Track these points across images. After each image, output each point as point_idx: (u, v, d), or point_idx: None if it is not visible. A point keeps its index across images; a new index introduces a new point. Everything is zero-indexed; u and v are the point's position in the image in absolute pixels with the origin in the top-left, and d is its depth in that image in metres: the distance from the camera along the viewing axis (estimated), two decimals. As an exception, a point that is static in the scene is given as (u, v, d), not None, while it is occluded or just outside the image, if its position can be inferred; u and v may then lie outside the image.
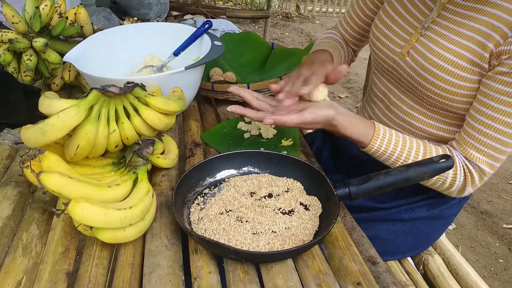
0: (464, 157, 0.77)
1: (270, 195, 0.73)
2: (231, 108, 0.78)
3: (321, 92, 0.78)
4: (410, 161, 0.77)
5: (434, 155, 0.77)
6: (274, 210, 0.69)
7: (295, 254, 0.62)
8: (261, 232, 0.64)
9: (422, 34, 0.81)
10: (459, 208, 0.97)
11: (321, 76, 0.77)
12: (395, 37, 0.86)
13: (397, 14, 0.87)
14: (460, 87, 0.75)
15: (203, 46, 0.99)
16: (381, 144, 0.77)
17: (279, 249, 0.62)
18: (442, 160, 0.70)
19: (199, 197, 0.73)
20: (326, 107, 0.74)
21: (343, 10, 5.62)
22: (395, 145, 0.77)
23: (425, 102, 0.83)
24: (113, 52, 1.01)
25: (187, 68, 0.85)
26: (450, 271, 0.96)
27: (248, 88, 1.01)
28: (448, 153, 0.77)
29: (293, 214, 0.68)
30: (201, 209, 0.70)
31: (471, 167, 0.76)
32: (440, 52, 0.76)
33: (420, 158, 0.77)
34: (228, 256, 0.61)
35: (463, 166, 0.77)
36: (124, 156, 0.71)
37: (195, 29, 1.01)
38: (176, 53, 1.00)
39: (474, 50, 0.73)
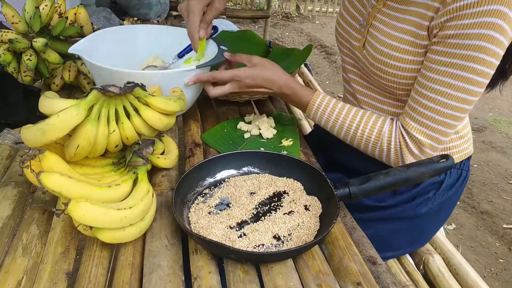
0: (402, 127, 0.79)
1: (270, 195, 0.73)
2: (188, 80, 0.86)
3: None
4: (347, 123, 0.82)
5: (372, 121, 0.80)
6: (274, 210, 0.69)
7: (295, 254, 0.62)
8: (261, 232, 0.64)
9: (370, 25, 0.83)
10: (456, 199, 0.96)
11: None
12: (353, 31, 0.88)
13: (353, 7, 0.89)
14: (408, 70, 0.77)
15: (207, 50, 0.99)
16: (321, 103, 0.83)
17: (279, 249, 0.62)
18: (442, 160, 0.71)
19: (199, 197, 0.72)
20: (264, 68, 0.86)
21: (343, 10, 5.61)
22: (333, 106, 0.82)
23: (387, 92, 0.85)
24: (116, 50, 1.00)
25: (198, 67, 0.85)
26: (450, 271, 0.96)
27: None
28: (390, 124, 0.80)
29: (293, 214, 0.68)
30: (201, 209, 0.69)
31: (406, 137, 0.78)
32: (385, 41, 0.79)
33: (357, 120, 0.81)
34: (228, 256, 0.61)
35: (398, 135, 0.79)
36: (124, 156, 0.71)
37: None
38: (181, 55, 1.01)
39: (413, 31, 0.75)
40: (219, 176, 0.77)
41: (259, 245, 0.62)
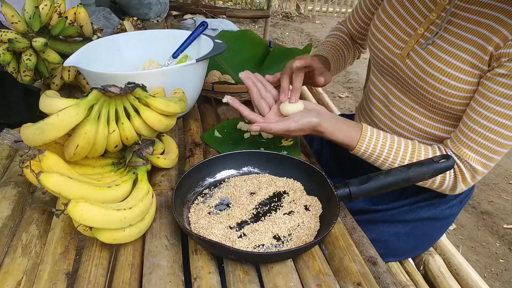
0: (456, 155, 0.77)
1: (270, 196, 0.72)
2: (228, 99, 0.81)
3: (295, 107, 0.80)
4: (398, 161, 0.79)
5: (422, 154, 0.78)
6: (274, 210, 0.69)
7: (295, 254, 0.62)
8: (261, 232, 0.64)
9: (424, 37, 0.80)
10: (460, 208, 0.97)
11: (300, 81, 0.81)
12: (394, 38, 0.85)
13: (397, 14, 0.86)
14: (461, 90, 0.76)
15: (201, 47, 0.99)
16: (368, 146, 0.78)
17: (279, 250, 0.61)
18: (442, 160, 0.70)
19: (199, 197, 0.72)
20: (310, 115, 0.77)
21: (343, 10, 5.62)
22: (382, 146, 0.78)
23: (425, 103, 0.83)
24: (111, 60, 0.99)
25: (198, 60, 0.85)
26: (450, 272, 0.96)
27: None
28: (440, 153, 0.78)
29: (293, 214, 0.68)
30: (201, 209, 0.69)
31: (462, 166, 0.77)
32: (442, 57, 0.76)
33: (408, 157, 0.78)
34: (228, 257, 0.61)
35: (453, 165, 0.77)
36: (124, 156, 0.71)
37: (189, 32, 1.01)
38: (175, 56, 1.01)
39: (475, 53, 0.73)
40: (219, 176, 0.77)
41: (259, 245, 0.62)
